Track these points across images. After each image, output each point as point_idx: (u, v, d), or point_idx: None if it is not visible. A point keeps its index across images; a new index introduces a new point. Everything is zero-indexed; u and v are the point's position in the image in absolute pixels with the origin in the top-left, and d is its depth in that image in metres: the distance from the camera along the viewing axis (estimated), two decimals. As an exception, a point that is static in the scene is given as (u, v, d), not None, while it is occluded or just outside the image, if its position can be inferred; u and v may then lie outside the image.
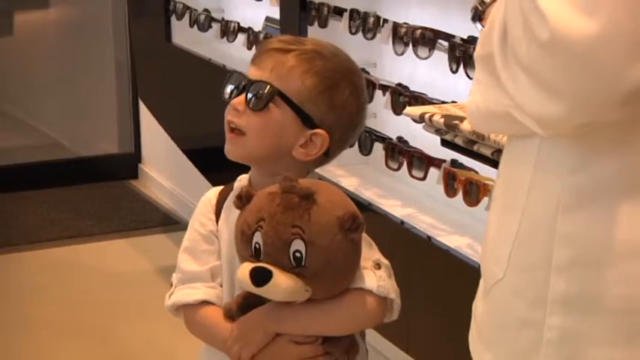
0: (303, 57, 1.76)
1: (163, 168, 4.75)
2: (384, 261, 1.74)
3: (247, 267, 1.64)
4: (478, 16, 1.33)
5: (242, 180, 1.84)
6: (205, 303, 1.79)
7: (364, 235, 1.70)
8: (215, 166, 3.83)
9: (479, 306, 1.32)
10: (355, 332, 1.76)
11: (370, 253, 1.73)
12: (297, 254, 1.62)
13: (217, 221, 1.82)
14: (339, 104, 1.76)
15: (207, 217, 1.83)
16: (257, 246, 1.64)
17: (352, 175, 3.00)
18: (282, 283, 1.62)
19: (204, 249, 1.81)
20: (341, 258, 1.65)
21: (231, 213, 1.79)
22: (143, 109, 4.75)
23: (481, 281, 1.34)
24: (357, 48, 2.97)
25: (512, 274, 1.21)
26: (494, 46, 1.11)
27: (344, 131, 1.79)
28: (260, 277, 1.61)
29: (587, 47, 1.00)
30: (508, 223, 1.21)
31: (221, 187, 1.86)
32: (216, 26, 3.70)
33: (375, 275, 1.70)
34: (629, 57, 1.01)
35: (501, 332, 1.25)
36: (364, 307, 1.70)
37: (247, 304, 1.73)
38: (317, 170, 1.82)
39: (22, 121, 5.60)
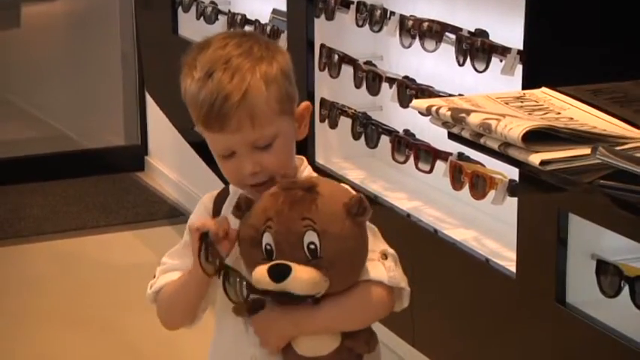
0: (257, 77, 1.66)
1: (169, 160, 4.75)
2: (390, 250, 1.73)
3: (263, 268, 1.62)
4: None
5: None
6: None
7: (367, 223, 1.70)
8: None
9: None
10: (371, 324, 1.76)
11: (376, 244, 1.72)
12: (312, 246, 1.61)
13: None
14: (291, 74, 1.74)
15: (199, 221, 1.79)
16: (268, 247, 1.63)
17: (358, 167, 3.00)
18: (303, 275, 1.60)
19: (188, 251, 1.77)
20: (353, 244, 1.65)
21: (230, 216, 1.76)
22: (149, 101, 4.75)
23: None
24: (363, 40, 2.98)
25: None
26: None
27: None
28: (279, 273, 1.60)
29: None
30: None
31: (216, 192, 1.83)
32: (222, 19, 3.70)
33: (385, 266, 1.70)
34: None
35: None
36: (377, 299, 1.69)
37: (255, 307, 1.71)
38: (322, 162, 1.81)
39: (28, 113, 5.60)
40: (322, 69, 2.97)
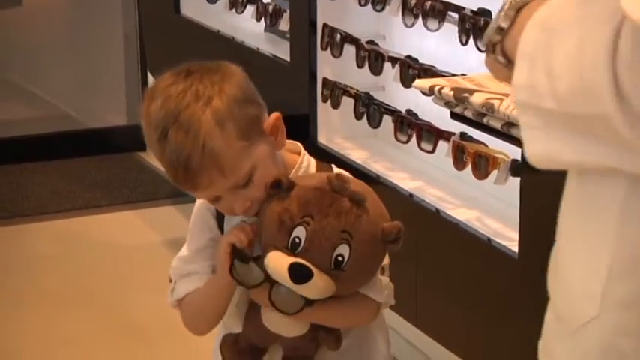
0: (211, 124, 1.62)
1: (172, 140, 4.74)
2: (386, 260, 1.75)
3: (284, 259, 1.62)
4: (493, 45, 1.20)
5: None
6: None
7: None
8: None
9: (559, 349, 1.22)
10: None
11: None
12: (340, 258, 1.62)
13: (221, 223, 1.78)
14: (248, 93, 1.70)
15: (205, 226, 1.79)
16: (297, 240, 1.62)
17: (361, 147, 2.99)
18: (320, 284, 1.62)
19: (202, 257, 1.79)
20: (374, 266, 1.69)
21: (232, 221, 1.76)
22: (151, 81, 4.74)
23: (552, 322, 1.27)
24: (366, 20, 2.96)
25: (613, 311, 1.12)
26: (607, 108, 1.01)
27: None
28: (301, 274, 1.60)
29: None
30: (594, 258, 1.13)
31: None
32: (224, -2, 3.68)
33: (382, 283, 1.74)
34: None
35: None
36: (369, 312, 1.75)
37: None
38: (324, 142, 1.80)
39: (30, 93, 5.60)
40: (325, 48, 2.96)
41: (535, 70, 1.08)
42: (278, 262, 1.61)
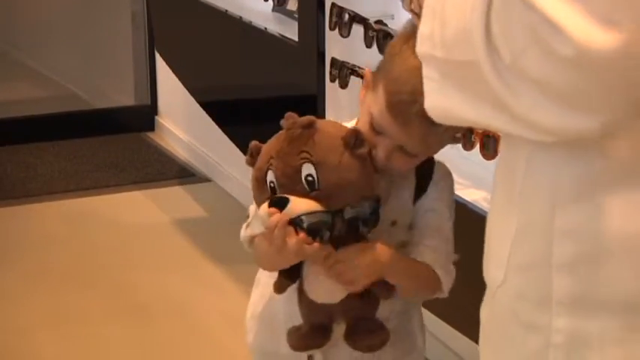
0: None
1: (180, 120, 4.74)
2: (455, 256, 1.84)
3: (265, 204, 1.66)
4: None
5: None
6: None
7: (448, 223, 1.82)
8: (231, 118, 3.82)
9: (483, 312, 1.26)
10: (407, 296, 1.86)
11: (449, 239, 1.83)
12: (310, 178, 1.64)
13: None
14: None
15: None
16: (272, 184, 1.67)
17: (369, 128, 2.98)
18: (301, 205, 1.63)
19: None
20: (351, 175, 1.67)
21: None
22: (159, 60, 4.73)
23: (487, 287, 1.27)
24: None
25: (513, 276, 1.15)
26: (478, 54, 1.02)
27: None
28: (277, 204, 1.63)
29: (615, 60, 0.93)
30: (505, 222, 1.16)
31: None
32: (232, -23, 3.67)
33: (452, 274, 1.83)
34: None
35: (507, 339, 1.18)
36: (434, 289, 1.83)
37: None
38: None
39: (39, 73, 5.60)
40: (333, 28, 2.95)
41: (435, 20, 1.09)
42: (262, 210, 1.65)
